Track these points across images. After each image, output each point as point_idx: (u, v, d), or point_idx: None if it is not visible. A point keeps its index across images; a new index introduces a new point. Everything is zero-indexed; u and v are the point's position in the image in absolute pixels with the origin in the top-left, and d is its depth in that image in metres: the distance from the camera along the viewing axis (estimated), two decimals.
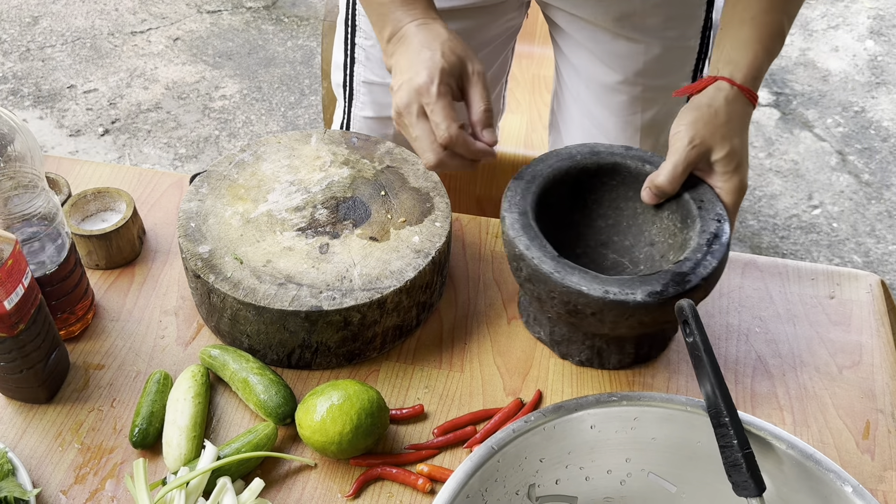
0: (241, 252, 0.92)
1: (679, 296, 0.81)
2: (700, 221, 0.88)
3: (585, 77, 1.23)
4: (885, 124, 2.69)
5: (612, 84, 1.20)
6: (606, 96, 1.22)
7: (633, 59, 1.17)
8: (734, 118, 0.90)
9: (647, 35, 1.14)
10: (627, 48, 1.16)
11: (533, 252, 0.85)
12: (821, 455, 0.70)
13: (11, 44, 2.91)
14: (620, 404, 0.74)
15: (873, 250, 2.32)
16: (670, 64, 1.19)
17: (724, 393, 0.70)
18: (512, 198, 0.90)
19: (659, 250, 0.94)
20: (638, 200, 0.95)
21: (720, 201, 0.90)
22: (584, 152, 0.96)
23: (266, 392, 0.85)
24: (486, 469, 0.70)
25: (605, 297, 0.81)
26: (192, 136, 2.59)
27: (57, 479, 0.83)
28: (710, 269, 0.84)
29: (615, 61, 1.18)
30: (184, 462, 0.82)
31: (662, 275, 0.83)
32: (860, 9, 3.14)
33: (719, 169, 0.90)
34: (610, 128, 1.24)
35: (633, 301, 0.81)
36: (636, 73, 1.18)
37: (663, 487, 0.76)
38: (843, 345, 0.97)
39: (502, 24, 1.23)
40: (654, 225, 0.95)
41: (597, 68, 1.21)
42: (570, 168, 0.95)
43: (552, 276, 0.83)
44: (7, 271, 0.77)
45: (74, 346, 0.94)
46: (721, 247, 0.86)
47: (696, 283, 0.82)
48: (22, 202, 0.83)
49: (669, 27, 1.15)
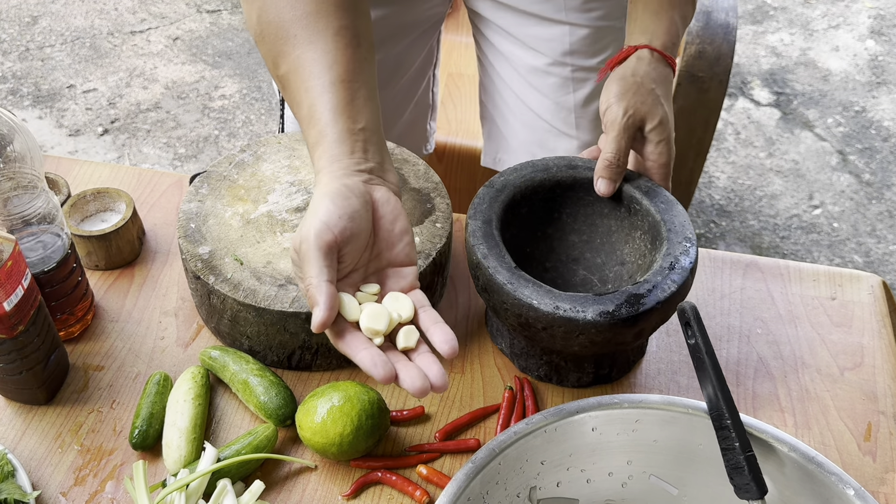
0: (241, 253, 0.92)
1: (631, 318, 0.79)
2: (667, 244, 0.86)
3: (513, 62, 1.24)
4: (885, 124, 2.69)
5: (541, 67, 1.21)
6: (536, 79, 1.23)
7: (559, 41, 1.18)
8: (659, 85, 0.90)
9: (571, 16, 1.15)
10: (551, 31, 1.17)
11: (490, 261, 0.83)
12: (823, 458, 0.70)
13: (11, 43, 2.90)
14: (622, 407, 0.74)
15: (874, 250, 2.32)
16: (598, 44, 1.19)
17: (726, 395, 0.70)
18: (478, 205, 0.89)
19: (628, 270, 0.93)
20: (613, 218, 0.94)
21: (653, 176, 0.90)
22: (560, 165, 0.94)
23: (266, 394, 0.85)
24: (486, 472, 0.70)
25: (554, 313, 0.79)
26: (191, 136, 2.59)
27: (57, 481, 0.82)
28: (667, 294, 0.81)
29: (541, 44, 1.19)
30: (184, 464, 0.81)
31: (617, 295, 0.81)
32: (860, 8, 3.14)
33: (653, 138, 0.89)
34: (544, 110, 1.25)
35: (583, 319, 0.79)
36: (563, 53, 1.19)
37: (665, 490, 0.76)
38: (844, 346, 0.97)
39: (425, 10, 1.23)
40: (627, 244, 0.94)
41: (524, 52, 1.22)
42: (545, 180, 0.93)
43: (505, 286, 0.81)
44: (6, 272, 0.77)
45: (74, 347, 0.94)
46: (682, 271, 0.83)
47: (651, 306, 0.80)
48: (21, 203, 0.83)
49: (591, 8, 1.16)
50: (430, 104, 1.42)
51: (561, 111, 1.24)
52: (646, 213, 0.90)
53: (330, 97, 0.75)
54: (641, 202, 0.90)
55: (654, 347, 0.96)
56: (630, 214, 0.92)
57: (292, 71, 0.77)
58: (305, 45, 0.77)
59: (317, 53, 0.76)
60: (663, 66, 0.91)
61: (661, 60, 0.91)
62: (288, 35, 0.77)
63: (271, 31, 0.78)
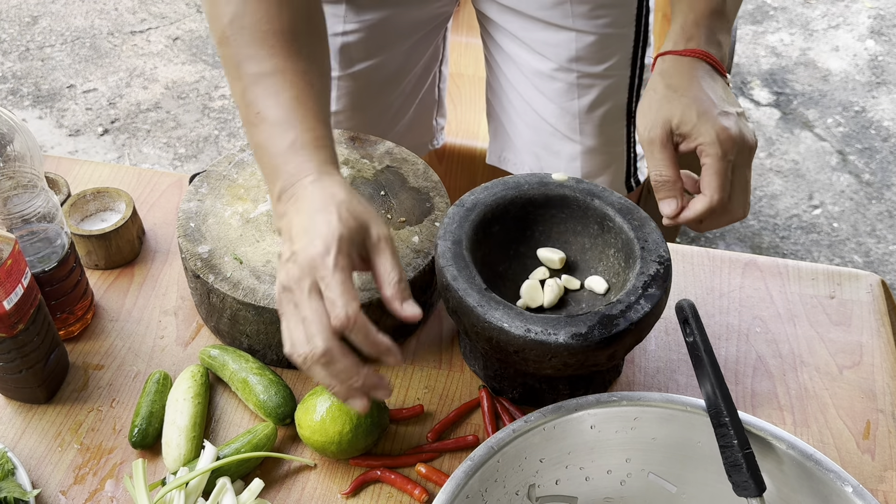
0: (240, 252, 0.92)
1: (604, 340, 0.77)
2: (640, 263, 0.84)
3: (520, 65, 1.24)
4: (885, 124, 2.69)
5: (547, 71, 1.21)
6: (542, 83, 1.22)
7: (565, 46, 1.17)
8: (677, 83, 0.84)
9: (577, 22, 1.15)
10: (558, 36, 1.17)
11: (459, 283, 0.81)
12: (821, 455, 0.70)
13: (11, 43, 2.91)
14: (621, 404, 0.74)
15: (874, 250, 2.32)
16: (604, 51, 1.19)
17: (725, 393, 0.70)
18: (448, 225, 0.86)
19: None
20: (586, 236, 0.92)
21: (710, 168, 0.80)
22: (531, 182, 0.91)
23: (266, 392, 0.85)
24: (485, 469, 0.70)
25: (525, 336, 0.77)
26: (191, 136, 2.59)
27: (56, 480, 0.83)
28: (640, 314, 0.79)
29: (547, 49, 1.19)
30: (183, 462, 0.82)
31: (590, 316, 0.79)
32: (860, 8, 3.14)
33: (685, 129, 0.82)
34: (548, 114, 1.25)
35: (555, 342, 0.77)
36: (569, 60, 1.18)
37: (663, 488, 0.76)
38: (843, 345, 0.97)
39: (432, 10, 1.23)
40: (601, 262, 0.91)
41: (530, 56, 1.21)
42: (516, 198, 0.90)
43: (475, 309, 0.79)
44: (6, 271, 0.77)
45: (74, 346, 0.94)
46: (656, 291, 0.81)
47: (625, 327, 0.78)
48: (21, 202, 0.83)
49: (599, 15, 1.15)
50: (437, 100, 1.43)
51: (566, 116, 1.24)
52: (619, 230, 0.88)
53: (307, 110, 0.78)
54: (614, 219, 0.88)
55: (652, 346, 0.96)
56: (603, 232, 0.90)
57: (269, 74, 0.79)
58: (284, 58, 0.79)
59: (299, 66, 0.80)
60: (683, 60, 0.85)
61: (680, 59, 0.85)
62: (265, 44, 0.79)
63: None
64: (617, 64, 1.20)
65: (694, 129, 0.81)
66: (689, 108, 0.82)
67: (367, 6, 1.17)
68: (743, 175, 0.83)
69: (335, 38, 1.19)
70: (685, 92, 0.83)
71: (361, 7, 1.17)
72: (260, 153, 0.79)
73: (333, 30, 1.18)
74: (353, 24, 1.18)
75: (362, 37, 1.19)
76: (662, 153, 0.83)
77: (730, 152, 0.81)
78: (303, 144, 0.77)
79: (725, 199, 0.82)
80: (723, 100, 0.83)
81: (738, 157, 0.82)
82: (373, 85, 1.26)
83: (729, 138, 0.80)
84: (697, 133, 0.81)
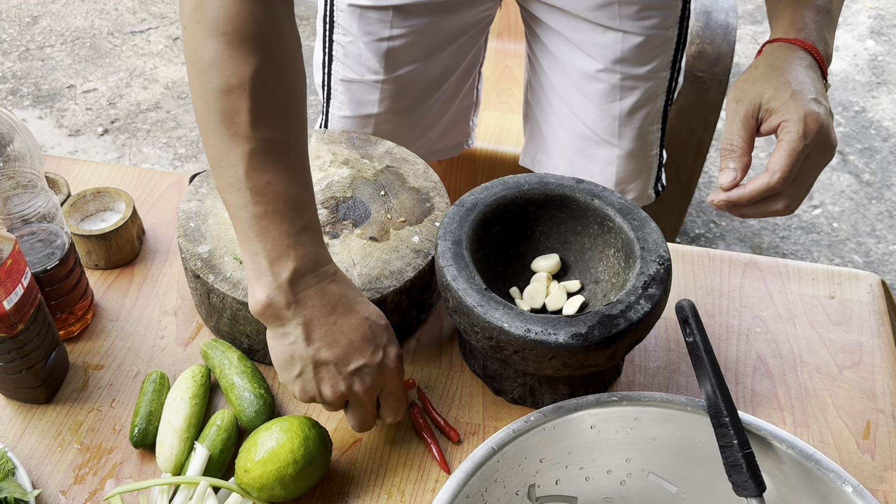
0: (240, 252, 0.92)
1: (604, 340, 0.78)
2: (640, 263, 0.84)
3: (564, 65, 1.24)
4: (885, 124, 2.69)
5: (591, 72, 1.21)
6: (585, 85, 1.23)
7: (612, 47, 1.18)
8: (779, 64, 0.86)
9: (624, 24, 1.16)
10: (605, 37, 1.17)
11: (459, 283, 0.81)
12: (821, 455, 0.70)
13: (11, 43, 2.91)
14: (621, 404, 0.74)
15: (874, 250, 2.32)
16: (649, 52, 1.19)
17: (725, 393, 0.70)
18: (448, 225, 0.87)
19: (602, 289, 0.91)
20: (586, 236, 0.92)
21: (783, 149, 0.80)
22: (531, 182, 0.92)
23: (242, 403, 0.85)
24: (485, 469, 0.70)
25: (525, 336, 0.77)
26: (191, 136, 2.59)
27: (56, 480, 0.83)
28: (640, 314, 0.79)
29: (594, 50, 1.19)
30: (175, 462, 0.81)
31: (590, 316, 0.79)
32: (860, 8, 3.14)
33: (775, 104, 0.83)
34: (588, 116, 1.25)
35: (555, 342, 0.77)
36: (614, 61, 1.19)
37: (663, 488, 0.76)
38: (843, 345, 0.97)
39: (476, 14, 1.24)
40: (601, 262, 0.91)
41: (576, 56, 1.22)
42: (516, 198, 0.91)
43: (475, 309, 0.79)
44: (6, 271, 0.77)
45: (74, 346, 0.94)
46: (658, 291, 0.81)
47: (624, 327, 0.78)
48: (21, 202, 0.83)
49: (646, 16, 1.16)
50: (475, 101, 1.43)
51: (606, 118, 1.24)
52: (619, 230, 0.88)
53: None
54: (614, 219, 0.88)
55: (652, 346, 0.96)
56: (603, 232, 0.90)
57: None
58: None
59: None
60: (783, 47, 0.88)
61: (779, 46, 0.88)
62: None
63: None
64: (659, 66, 1.21)
65: (783, 106, 0.82)
66: (784, 87, 0.83)
67: (414, 12, 1.17)
68: (811, 169, 0.83)
69: (381, 43, 1.19)
70: (785, 72, 0.84)
71: (408, 13, 1.17)
72: (258, 218, 0.77)
73: (379, 35, 1.18)
74: (399, 30, 1.18)
75: (407, 41, 1.20)
76: (743, 124, 0.84)
77: (810, 136, 0.81)
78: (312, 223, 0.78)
79: (787, 185, 0.82)
80: (819, 92, 0.84)
81: (815, 150, 0.82)
82: (415, 88, 1.26)
83: (816, 121, 0.81)
84: (785, 110, 0.82)
